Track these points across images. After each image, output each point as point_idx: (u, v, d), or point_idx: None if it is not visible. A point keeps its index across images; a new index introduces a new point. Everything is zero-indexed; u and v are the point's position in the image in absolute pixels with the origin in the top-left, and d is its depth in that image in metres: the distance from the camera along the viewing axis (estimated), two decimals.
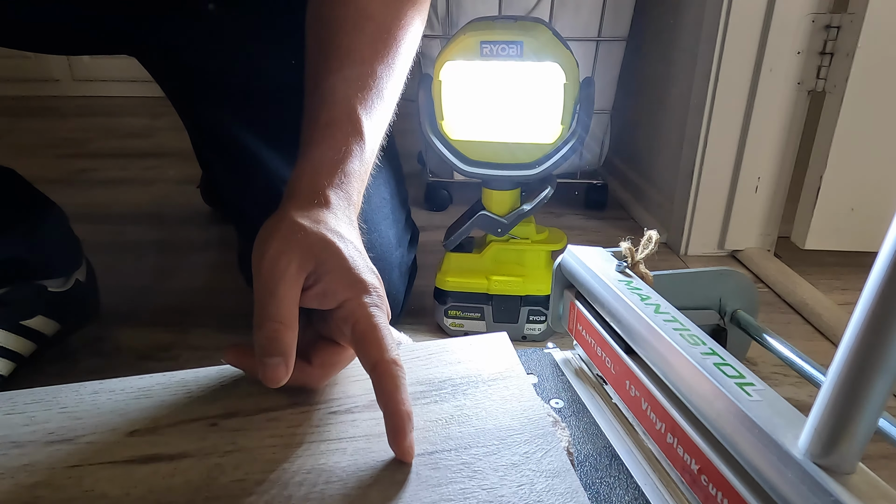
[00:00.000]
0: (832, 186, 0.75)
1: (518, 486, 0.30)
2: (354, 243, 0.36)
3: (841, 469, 0.24)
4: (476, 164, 0.60)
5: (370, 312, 0.33)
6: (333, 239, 0.35)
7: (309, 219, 0.35)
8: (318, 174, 0.38)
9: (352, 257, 0.35)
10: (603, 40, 0.94)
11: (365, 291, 0.34)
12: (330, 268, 0.34)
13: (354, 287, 0.34)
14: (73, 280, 0.61)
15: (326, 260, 0.34)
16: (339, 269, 0.34)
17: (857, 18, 0.68)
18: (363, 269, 0.35)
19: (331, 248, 0.34)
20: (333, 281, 0.34)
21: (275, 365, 0.31)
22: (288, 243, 0.34)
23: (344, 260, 0.34)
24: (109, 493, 0.30)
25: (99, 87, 2.11)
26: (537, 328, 0.63)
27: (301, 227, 0.34)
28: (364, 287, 0.34)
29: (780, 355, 0.45)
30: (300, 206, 0.36)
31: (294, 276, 0.33)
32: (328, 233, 0.35)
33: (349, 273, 0.34)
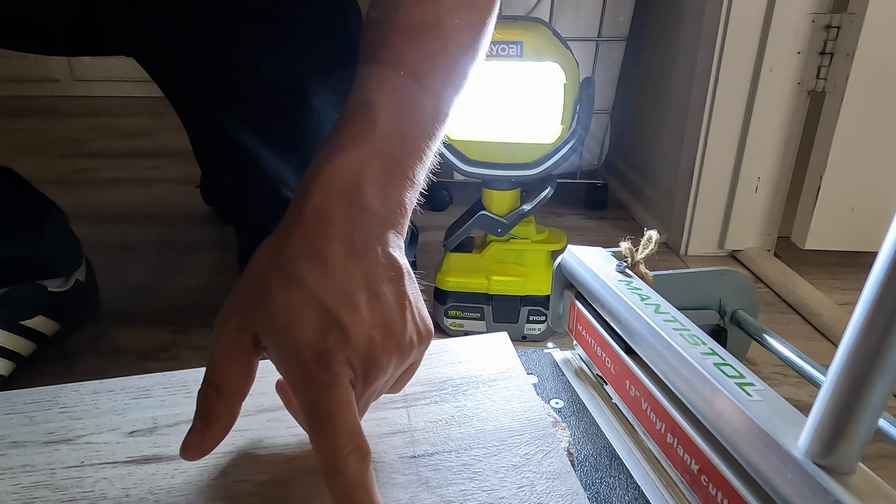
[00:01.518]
0: (832, 186, 0.75)
1: (518, 487, 0.30)
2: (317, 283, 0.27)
3: (841, 469, 0.24)
4: (476, 164, 0.60)
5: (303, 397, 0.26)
6: (276, 287, 0.27)
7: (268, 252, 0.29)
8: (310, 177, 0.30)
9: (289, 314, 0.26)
10: (603, 40, 0.94)
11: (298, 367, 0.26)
12: (266, 332, 0.27)
13: (286, 357, 0.26)
14: (73, 280, 0.61)
15: (262, 321, 0.27)
16: (270, 329, 0.27)
17: (857, 18, 0.68)
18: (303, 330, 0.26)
19: (268, 298, 0.27)
20: (268, 346, 0.27)
21: (193, 429, 0.28)
22: (235, 295, 0.29)
23: (276, 322, 0.26)
24: (109, 493, 0.30)
25: (99, 87, 2.11)
26: (537, 328, 0.63)
27: (252, 270, 0.29)
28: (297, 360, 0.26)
29: (780, 355, 0.45)
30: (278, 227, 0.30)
31: (233, 338, 0.28)
32: (274, 276, 0.27)
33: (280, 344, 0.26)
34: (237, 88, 0.55)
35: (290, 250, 0.28)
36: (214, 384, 0.28)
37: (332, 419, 0.25)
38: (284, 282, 0.27)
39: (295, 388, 0.27)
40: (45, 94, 2.10)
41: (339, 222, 0.28)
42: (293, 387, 0.27)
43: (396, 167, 0.31)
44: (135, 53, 0.59)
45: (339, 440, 0.25)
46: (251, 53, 0.53)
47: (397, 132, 0.31)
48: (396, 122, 0.31)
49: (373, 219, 0.29)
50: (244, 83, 0.54)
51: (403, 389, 0.37)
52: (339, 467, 0.25)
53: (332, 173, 0.29)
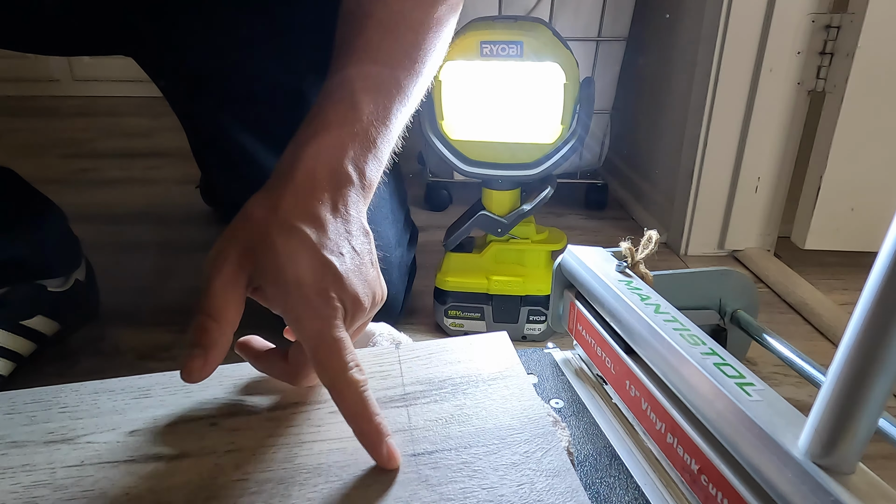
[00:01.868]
0: (832, 186, 0.75)
1: (518, 485, 0.30)
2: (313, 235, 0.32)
3: (841, 469, 0.24)
4: (476, 164, 0.60)
5: (312, 327, 0.30)
6: (277, 235, 0.31)
7: (265, 205, 0.33)
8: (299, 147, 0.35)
9: (291, 258, 0.31)
10: (603, 40, 0.94)
11: (304, 301, 0.30)
12: (265, 272, 0.31)
13: (289, 297, 0.31)
14: (72, 280, 0.61)
15: (263, 262, 0.31)
16: (273, 274, 0.31)
17: (857, 18, 0.68)
18: (305, 271, 0.31)
19: (269, 247, 0.31)
20: (269, 288, 0.31)
21: (191, 356, 0.30)
22: (231, 237, 0.32)
23: (279, 263, 0.31)
24: (109, 493, 0.30)
25: (99, 87, 2.11)
26: (537, 328, 0.63)
27: (249, 219, 0.32)
28: (302, 296, 0.30)
29: (780, 355, 0.45)
30: (268, 186, 0.34)
31: (230, 273, 0.31)
32: (274, 226, 0.32)
33: (284, 281, 0.31)
34: (235, 89, 0.55)
35: (286, 205, 0.32)
36: (213, 314, 0.30)
37: (335, 343, 0.30)
38: (285, 232, 0.31)
39: (298, 321, 0.31)
40: (45, 94, 2.10)
41: (326, 187, 0.34)
42: (295, 319, 0.31)
43: (370, 147, 0.36)
44: (133, 54, 0.59)
45: (344, 358, 0.30)
46: (249, 54, 0.53)
47: (373, 117, 0.37)
48: (373, 108, 0.37)
49: (350, 189, 0.35)
50: (242, 83, 0.54)
51: (403, 388, 0.37)
52: (347, 380, 0.30)
53: (321, 146, 0.35)
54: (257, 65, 0.54)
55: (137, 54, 0.59)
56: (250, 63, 0.54)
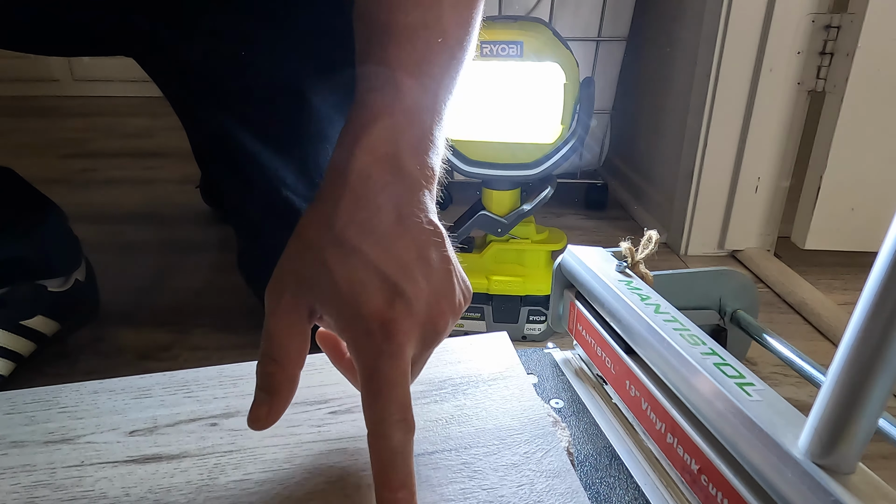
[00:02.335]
0: (832, 186, 0.75)
1: (518, 486, 0.30)
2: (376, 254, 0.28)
3: (841, 469, 0.24)
4: (476, 164, 0.60)
5: (367, 363, 0.27)
6: (332, 258, 0.28)
7: (318, 221, 0.29)
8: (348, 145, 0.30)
9: (352, 285, 0.27)
10: (603, 40, 0.94)
11: (364, 334, 0.27)
12: (325, 302, 0.28)
13: (350, 328, 0.28)
14: (72, 280, 0.61)
15: (321, 291, 0.28)
16: (333, 304, 0.28)
17: (857, 18, 0.68)
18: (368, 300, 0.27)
19: (326, 273, 0.27)
20: (330, 316, 0.28)
21: (256, 402, 0.28)
22: (286, 265, 0.29)
23: (339, 292, 0.27)
24: (109, 493, 0.30)
25: (99, 87, 2.11)
26: (537, 328, 0.63)
27: (302, 240, 0.29)
28: (363, 328, 0.27)
29: (780, 355, 0.45)
30: (320, 196, 0.30)
31: (289, 307, 0.28)
32: (330, 247, 0.28)
33: (344, 312, 0.27)
34: (236, 88, 0.55)
35: (340, 220, 0.28)
36: (275, 356, 0.28)
37: (388, 388, 0.26)
38: (342, 253, 0.28)
39: (358, 354, 0.27)
40: (45, 94, 2.10)
41: (384, 189, 0.29)
42: (356, 352, 0.27)
43: (425, 134, 0.32)
44: (133, 54, 0.59)
45: (390, 408, 0.26)
46: (250, 53, 0.53)
47: (422, 102, 0.32)
48: (420, 93, 0.32)
49: (412, 184, 0.30)
50: (243, 83, 0.54)
51: None
52: (384, 433, 0.26)
53: (372, 141, 0.30)
54: (257, 65, 0.54)
55: (137, 54, 0.59)
56: (250, 63, 0.54)
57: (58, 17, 0.53)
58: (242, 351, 0.60)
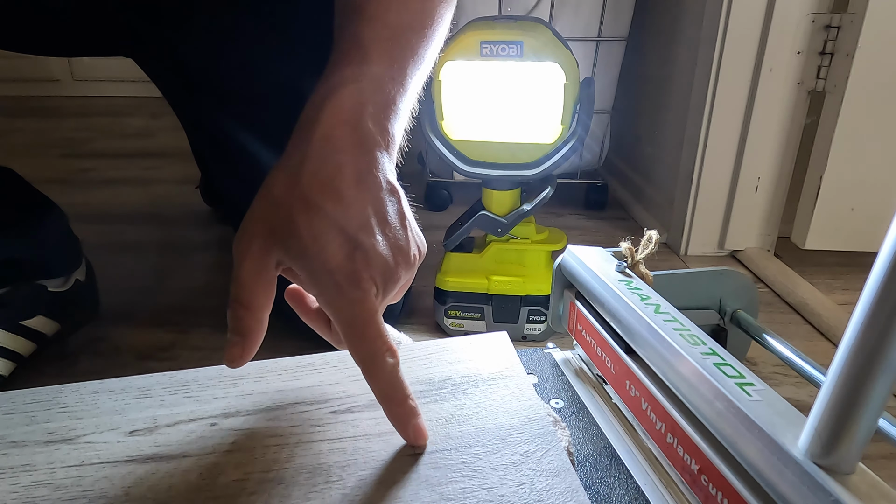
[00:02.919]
0: (832, 186, 0.75)
1: (518, 485, 0.30)
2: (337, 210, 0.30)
3: (841, 469, 0.24)
4: (476, 164, 0.60)
5: (343, 311, 0.30)
6: (299, 214, 0.30)
7: (285, 179, 0.31)
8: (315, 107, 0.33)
9: (316, 240, 0.30)
10: (603, 40, 0.94)
11: (333, 285, 0.30)
12: (291, 254, 0.30)
13: (318, 281, 0.30)
14: (72, 280, 0.61)
15: (288, 245, 0.30)
16: (299, 257, 0.30)
17: (857, 18, 0.68)
18: (332, 253, 0.30)
19: (292, 229, 0.30)
20: (299, 269, 0.31)
21: (230, 343, 0.31)
22: (254, 217, 0.31)
23: (304, 246, 0.30)
24: (109, 493, 0.30)
25: (99, 87, 2.11)
26: (537, 328, 0.63)
27: (270, 196, 0.31)
28: (331, 280, 0.30)
29: (780, 355, 0.45)
30: (287, 154, 0.33)
31: (257, 257, 0.31)
32: (296, 204, 0.30)
33: (311, 265, 0.30)
34: (235, 88, 0.55)
35: (306, 179, 0.31)
36: (244, 302, 0.31)
37: (366, 327, 0.30)
38: (307, 210, 0.30)
39: (329, 303, 0.30)
40: (45, 94, 2.10)
41: (346, 149, 0.32)
42: (327, 303, 0.30)
43: (389, 102, 0.35)
44: (132, 54, 0.59)
45: (376, 343, 0.30)
46: (248, 53, 0.53)
47: (388, 72, 0.35)
48: (387, 64, 0.35)
49: (373, 146, 0.33)
50: (242, 83, 0.54)
51: None
52: (379, 364, 0.30)
53: (337, 105, 0.33)
54: (257, 65, 0.54)
55: (137, 55, 0.59)
56: (250, 63, 0.54)
57: (58, 18, 0.53)
58: None
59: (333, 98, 0.33)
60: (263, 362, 0.39)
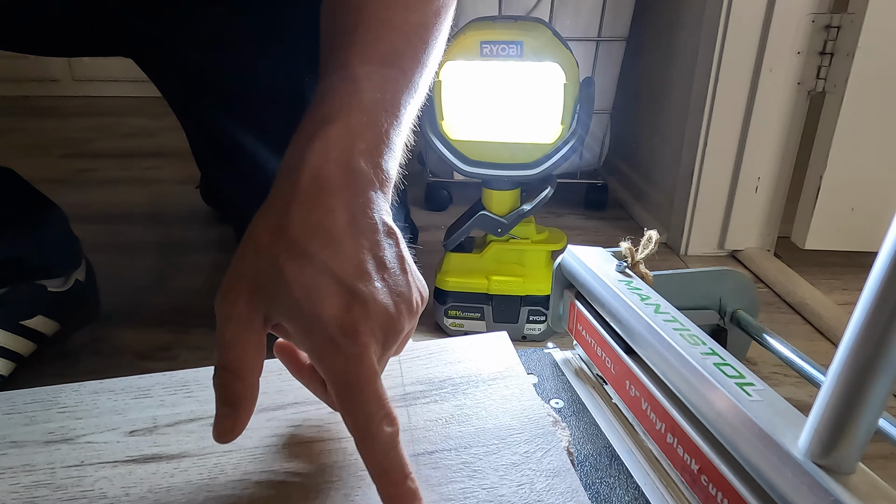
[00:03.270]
0: (832, 186, 0.75)
1: (518, 485, 0.30)
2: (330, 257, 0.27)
3: (841, 469, 0.24)
4: (476, 164, 0.60)
5: (336, 369, 0.26)
6: (287, 263, 0.27)
7: (270, 225, 0.29)
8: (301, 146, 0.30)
9: (307, 291, 0.27)
10: (603, 40, 0.94)
11: (326, 341, 0.26)
12: (281, 309, 0.27)
13: (310, 336, 0.27)
14: (72, 280, 0.61)
15: (277, 298, 0.27)
16: (289, 311, 0.27)
17: (857, 18, 0.68)
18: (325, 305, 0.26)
19: (281, 280, 0.27)
20: (290, 325, 0.28)
21: (221, 416, 0.27)
22: (238, 272, 0.28)
23: (295, 298, 0.27)
24: (109, 493, 0.30)
25: (99, 87, 2.11)
26: (537, 328, 0.63)
27: (255, 245, 0.28)
28: (324, 335, 0.26)
29: (780, 355, 0.45)
30: (271, 198, 0.30)
31: (243, 316, 0.27)
32: (284, 252, 0.27)
33: (302, 319, 0.27)
34: (234, 89, 0.55)
35: (293, 224, 0.28)
36: (232, 368, 0.28)
37: (362, 389, 0.26)
38: (295, 259, 0.27)
39: (322, 361, 0.27)
40: (45, 94, 2.10)
41: (337, 190, 0.29)
42: (320, 360, 0.27)
43: (381, 138, 0.32)
44: (132, 54, 0.59)
45: (371, 407, 0.26)
46: (248, 54, 0.53)
47: (381, 105, 0.32)
48: (379, 97, 0.32)
49: (366, 186, 0.30)
50: (241, 83, 0.54)
51: (403, 388, 0.37)
52: (373, 433, 0.26)
53: (326, 142, 0.30)
54: (257, 65, 0.54)
55: (137, 55, 0.59)
56: (250, 63, 0.54)
57: (58, 18, 0.53)
58: None
59: (321, 135, 0.30)
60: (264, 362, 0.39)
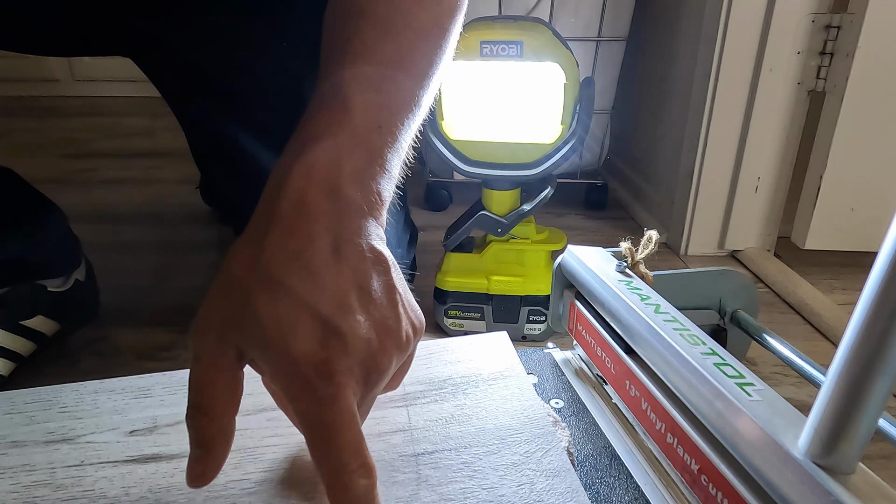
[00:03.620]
0: (832, 186, 0.75)
1: (518, 485, 0.30)
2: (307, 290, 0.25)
3: (841, 469, 0.24)
4: (476, 164, 0.60)
5: (307, 412, 0.24)
6: (259, 297, 0.25)
7: (246, 256, 0.26)
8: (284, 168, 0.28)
9: (279, 327, 0.24)
10: (603, 40, 0.94)
11: (299, 380, 0.24)
12: (252, 345, 0.25)
13: (283, 370, 0.25)
14: (72, 280, 0.61)
15: (248, 333, 0.25)
16: (260, 347, 0.25)
17: (857, 18, 0.68)
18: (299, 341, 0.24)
19: (252, 314, 0.25)
20: (261, 361, 0.26)
21: (193, 458, 0.26)
22: (212, 304, 0.26)
23: (266, 335, 0.25)
24: (109, 493, 0.30)
25: (99, 87, 2.11)
26: (537, 328, 0.63)
27: (229, 276, 0.26)
28: (297, 373, 0.24)
29: (780, 355, 0.45)
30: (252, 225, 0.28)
31: (213, 354, 0.26)
32: (256, 285, 0.25)
33: (274, 356, 0.25)
34: (234, 89, 0.55)
35: (269, 253, 0.26)
36: (203, 409, 0.26)
37: (336, 434, 0.24)
38: (268, 290, 0.25)
39: (294, 401, 0.25)
40: (45, 94, 2.10)
41: (320, 217, 0.27)
42: (292, 400, 0.25)
43: (373, 157, 0.29)
44: (132, 54, 0.59)
45: (344, 456, 0.24)
46: (248, 54, 0.53)
47: (374, 122, 0.30)
48: (372, 112, 0.30)
49: (354, 211, 0.28)
50: (241, 84, 0.54)
51: (403, 388, 0.37)
52: (345, 484, 0.24)
53: (309, 164, 0.27)
54: (257, 65, 0.54)
55: (137, 55, 0.59)
56: (250, 63, 0.54)
57: (57, 18, 0.52)
58: None
59: (305, 156, 0.28)
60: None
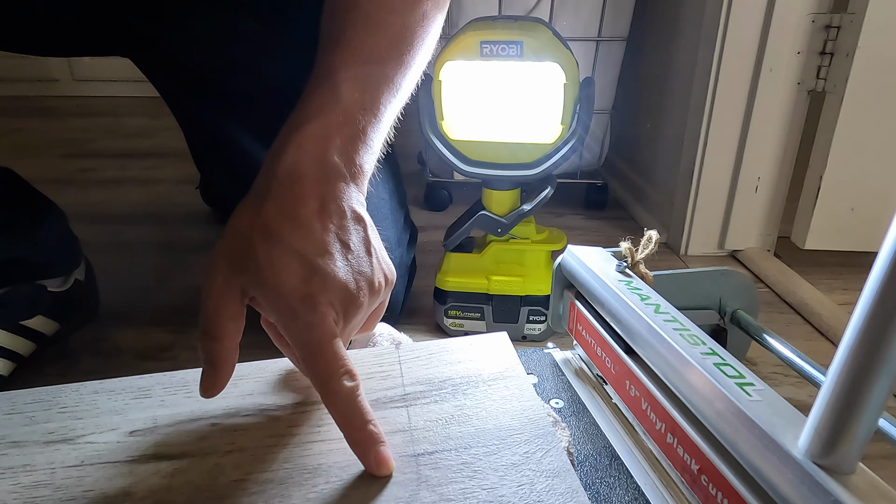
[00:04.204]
0: (832, 186, 0.75)
1: (518, 485, 0.30)
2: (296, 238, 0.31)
3: (841, 469, 0.24)
4: (476, 164, 0.60)
5: (299, 335, 0.30)
6: (258, 243, 0.31)
7: (248, 211, 0.33)
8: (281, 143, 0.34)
9: (273, 266, 0.31)
10: (603, 40, 0.94)
11: (288, 310, 0.30)
12: (252, 283, 0.31)
13: (275, 307, 0.31)
14: (72, 280, 0.61)
15: (249, 273, 0.31)
16: (258, 285, 0.31)
17: (857, 18, 0.68)
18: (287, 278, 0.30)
19: (252, 257, 0.31)
20: (259, 297, 0.31)
21: (205, 374, 0.32)
22: (220, 249, 0.32)
23: (262, 273, 0.30)
24: (109, 493, 0.30)
25: (99, 87, 2.11)
26: (537, 328, 0.63)
27: (234, 228, 0.32)
28: (287, 304, 0.30)
29: (780, 355, 0.45)
30: (253, 189, 0.34)
31: (222, 288, 0.31)
32: (256, 234, 0.31)
33: (268, 291, 0.30)
34: (233, 89, 0.55)
35: (267, 210, 0.32)
36: (211, 333, 0.31)
37: (323, 350, 0.30)
38: (266, 241, 0.31)
39: (287, 329, 0.31)
40: (45, 94, 2.10)
41: (310, 182, 0.33)
42: (285, 328, 0.31)
43: (357, 135, 0.35)
44: (132, 54, 0.59)
45: (331, 366, 0.30)
46: (247, 54, 0.53)
47: (359, 104, 0.36)
48: (359, 96, 0.36)
49: (338, 178, 0.34)
50: (240, 83, 0.54)
51: (403, 388, 0.37)
52: (334, 387, 0.30)
53: (302, 139, 0.34)
54: (257, 65, 0.54)
55: (136, 55, 0.59)
56: (250, 63, 0.54)
57: (57, 18, 0.52)
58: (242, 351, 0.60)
59: (300, 132, 0.34)
60: (264, 362, 0.39)
